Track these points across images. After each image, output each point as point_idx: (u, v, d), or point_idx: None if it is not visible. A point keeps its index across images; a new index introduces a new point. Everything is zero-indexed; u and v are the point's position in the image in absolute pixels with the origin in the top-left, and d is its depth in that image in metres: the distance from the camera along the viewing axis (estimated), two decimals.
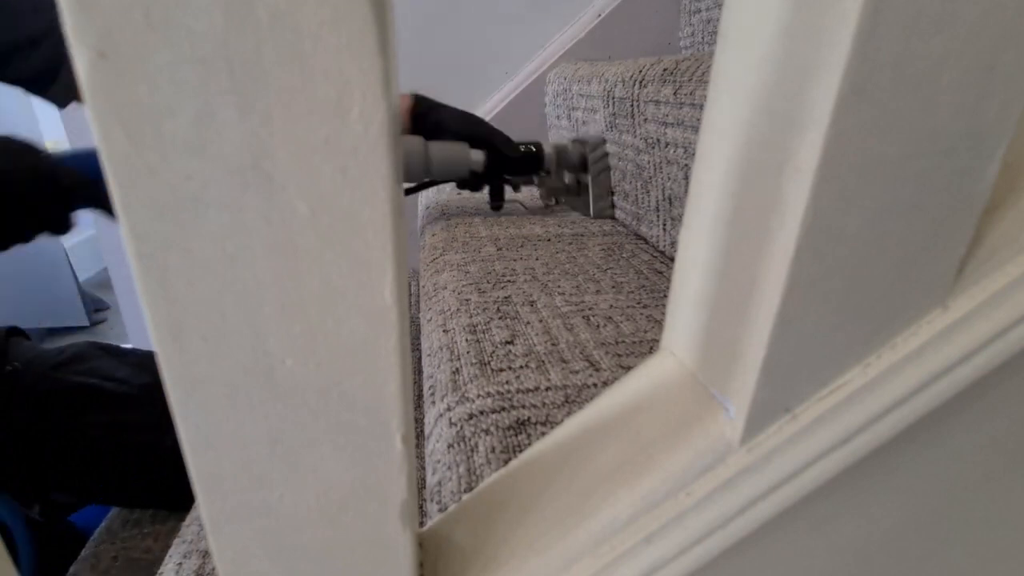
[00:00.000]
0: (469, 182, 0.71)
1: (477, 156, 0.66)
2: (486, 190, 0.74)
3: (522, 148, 0.71)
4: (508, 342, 0.42)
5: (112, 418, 0.67)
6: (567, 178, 0.76)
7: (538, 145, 0.71)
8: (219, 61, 0.12)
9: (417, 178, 0.69)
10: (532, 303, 0.48)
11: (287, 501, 0.17)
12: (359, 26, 0.12)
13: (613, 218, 0.73)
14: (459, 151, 0.66)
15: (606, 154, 0.70)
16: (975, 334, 0.18)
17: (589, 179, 0.72)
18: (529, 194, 0.87)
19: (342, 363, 0.16)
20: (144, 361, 0.74)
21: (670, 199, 0.57)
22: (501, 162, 0.69)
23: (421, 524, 0.27)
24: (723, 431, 0.19)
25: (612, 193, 0.72)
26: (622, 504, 0.20)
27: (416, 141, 0.65)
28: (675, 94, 0.52)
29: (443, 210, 0.80)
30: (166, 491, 0.69)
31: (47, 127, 2.25)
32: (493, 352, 0.41)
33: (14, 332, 0.70)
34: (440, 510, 0.28)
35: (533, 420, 0.33)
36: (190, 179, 0.13)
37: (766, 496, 0.19)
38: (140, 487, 0.70)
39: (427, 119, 0.67)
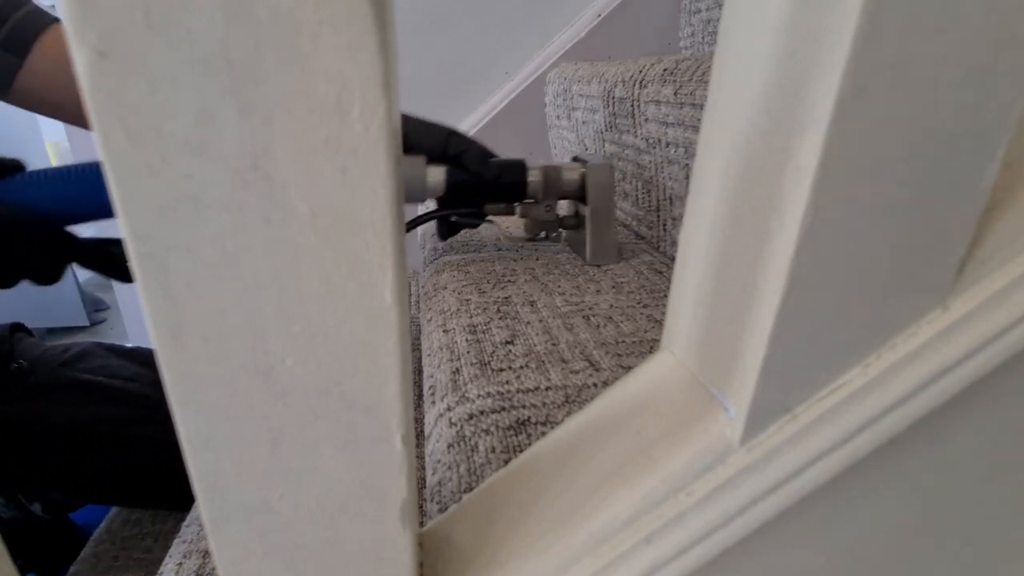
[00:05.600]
0: (438, 208, 0.58)
1: (436, 176, 0.51)
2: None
3: (499, 168, 0.54)
4: (508, 342, 0.42)
5: (119, 414, 0.67)
6: (561, 209, 0.60)
7: (520, 165, 0.55)
8: (219, 61, 0.12)
9: None
10: (532, 303, 0.48)
11: (287, 501, 0.17)
12: (359, 26, 0.12)
13: (617, 262, 0.57)
14: (411, 167, 0.50)
15: (612, 182, 0.55)
16: (975, 334, 0.18)
17: (588, 212, 0.56)
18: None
19: (342, 363, 0.16)
20: (149, 359, 0.74)
21: (671, 199, 0.57)
22: (469, 184, 0.53)
23: (421, 524, 0.27)
24: (723, 431, 0.19)
25: (616, 231, 0.58)
26: (622, 504, 0.20)
27: None
28: (675, 94, 0.52)
29: None
30: (168, 489, 0.69)
31: (47, 128, 2.24)
32: (493, 352, 0.41)
33: (18, 328, 0.70)
34: (440, 510, 0.28)
35: (533, 420, 0.33)
36: (190, 179, 0.13)
37: (766, 496, 0.19)
38: (143, 485, 0.70)
39: None
